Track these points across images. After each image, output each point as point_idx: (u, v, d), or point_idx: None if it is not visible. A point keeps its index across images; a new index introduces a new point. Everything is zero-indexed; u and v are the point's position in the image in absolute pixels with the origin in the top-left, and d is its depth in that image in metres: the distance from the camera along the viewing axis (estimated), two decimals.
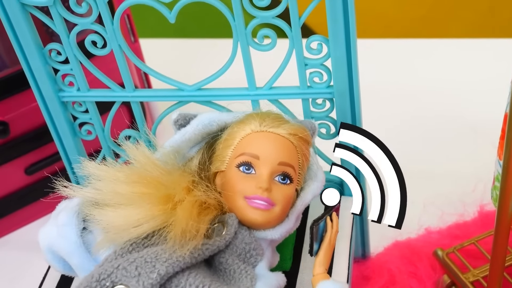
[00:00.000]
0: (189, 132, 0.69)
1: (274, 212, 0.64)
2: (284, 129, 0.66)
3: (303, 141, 0.68)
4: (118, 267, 0.59)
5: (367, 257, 0.90)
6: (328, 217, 0.66)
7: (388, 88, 1.19)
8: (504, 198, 0.65)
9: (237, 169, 0.65)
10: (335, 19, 0.65)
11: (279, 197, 0.64)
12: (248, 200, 0.64)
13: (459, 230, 0.90)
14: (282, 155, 0.65)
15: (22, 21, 0.72)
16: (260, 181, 0.64)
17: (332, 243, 0.65)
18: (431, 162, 1.03)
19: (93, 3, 0.70)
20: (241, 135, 0.67)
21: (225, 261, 0.63)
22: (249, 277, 0.61)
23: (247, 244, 0.64)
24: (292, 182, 0.66)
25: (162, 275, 0.58)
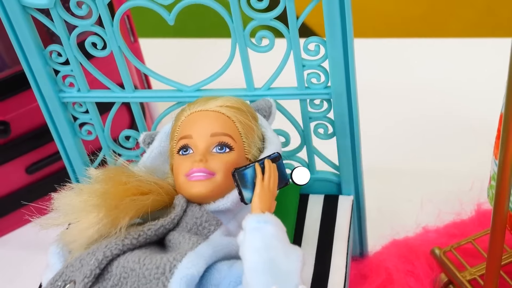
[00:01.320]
0: (156, 147, 0.72)
1: (216, 180, 0.65)
2: (211, 104, 0.68)
3: (236, 110, 0.68)
4: (67, 266, 0.63)
5: (365, 256, 0.90)
6: (258, 164, 0.64)
7: (386, 87, 1.19)
8: (500, 197, 0.66)
9: (178, 155, 0.67)
10: (332, 21, 0.66)
11: (218, 165, 0.65)
12: (187, 176, 0.65)
13: (456, 229, 0.90)
14: (212, 127, 0.66)
15: (23, 23, 0.72)
16: (195, 154, 0.66)
17: (267, 188, 0.63)
18: (428, 161, 1.04)
19: (93, 5, 0.71)
20: (178, 124, 0.69)
21: (172, 238, 0.64)
22: (191, 242, 0.61)
23: (198, 218, 0.65)
24: (232, 149, 0.67)
25: (100, 260, 0.60)
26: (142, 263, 0.60)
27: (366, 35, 1.29)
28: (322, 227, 0.79)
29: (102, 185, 0.65)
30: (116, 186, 0.64)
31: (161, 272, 0.58)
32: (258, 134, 0.70)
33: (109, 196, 0.63)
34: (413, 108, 1.14)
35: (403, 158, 1.05)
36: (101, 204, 0.63)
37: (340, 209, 0.80)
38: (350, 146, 0.76)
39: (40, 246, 0.96)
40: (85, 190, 0.65)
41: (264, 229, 0.59)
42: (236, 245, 0.62)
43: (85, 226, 0.63)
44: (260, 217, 0.60)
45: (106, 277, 0.61)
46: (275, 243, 0.58)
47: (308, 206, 0.81)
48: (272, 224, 0.59)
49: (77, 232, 0.63)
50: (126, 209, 0.62)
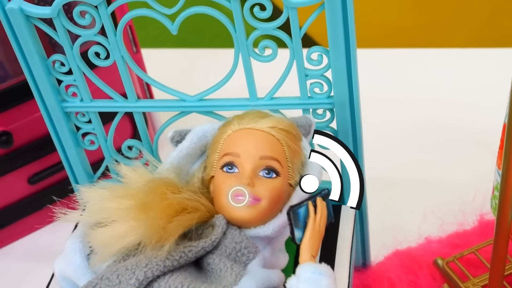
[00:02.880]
0: (185, 147, 0.70)
1: (260, 207, 0.63)
2: (263, 123, 0.66)
3: (286, 133, 0.67)
4: (102, 277, 0.60)
5: (367, 266, 0.90)
6: (311, 203, 0.64)
7: (388, 98, 1.19)
8: (503, 207, 0.66)
9: (221, 171, 0.65)
10: (335, 31, 0.66)
11: (264, 191, 0.64)
12: (231, 198, 0.63)
13: (459, 239, 0.90)
14: (262, 149, 0.65)
15: (26, 33, 0.72)
16: (242, 177, 0.64)
17: (318, 228, 0.63)
18: (431, 171, 1.04)
19: (96, 15, 0.71)
20: (223, 137, 0.67)
21: (212, 261, 0.62)
22: (234, 273, 0.60)
23: (237, 243, 0.63)
24: (278, 175, 0.65)
25: (140, 280, 0.59)
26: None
27: (368, 45, 1.30)
28: (325, 237, 0.77)
29: (143, 195, 0.62)
30: (160, 200, 0.62)
31: None
32: (301, 159, 0.68)
33: (152, 210, 0.61)
34: (416, 118, 1.14)
35: (406, 169, 1.05)
36: (142, 217, 0.61)
37: (342, 219, 0.79)
38: None
39: (43, 256, 0.97)
40: (119, 192, 0.64)
41: (319, 281, 0.59)
42: (275, 279, 0.62)
43: (120, 233, 0.61)
44: (316, 268, 0.59)
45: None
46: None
47: None
48: (327, 276, 0.59)
49: (109, 238, 0.62)
50: (172, 231, 0.60)
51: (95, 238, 0.63)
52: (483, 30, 1.55)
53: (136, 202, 0.62)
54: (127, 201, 0.62)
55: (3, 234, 1.01)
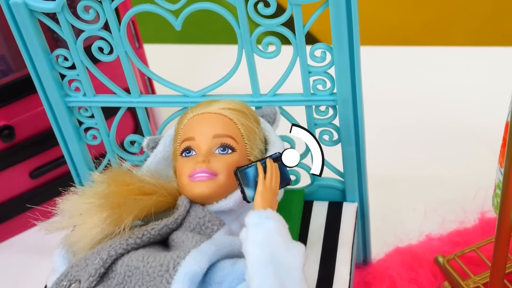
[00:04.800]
0: (159, 151, 0.73)
1: (218, 181, 0.66)
2: (214, 106, 0.69)
3: (238, 112, 0.69)
4: (72, 266, 0.63)
5: (368, 263, 0.90)
6: (260, 163, 0.65)
7: (390, 95, 1.19)
8: (504, 205, 0.66)
9: (181, 157, 0.68)
10: (339, 28, 0.66)
11: (220, 166, 0.66)
12: (190, 177, 0.66)
13: (460, 237, 0.90)
14: (215, 128, 0.67)
15: (30, 27, 0.72)
16: (198, 157, 0.66)
17: (269, 186, 0.64)
18: (432, 169, 1.04)
19: (100, 10, 0.71)
20: (181, 127, 0.70)
21: (176, 237, 0.64)
22: (195, 240, 0.62)
23: (201, 218, 0.65)
24: (234, 150, 0.67)
25: (104, 259, 0.61)
26: (146, 261, 0.60)
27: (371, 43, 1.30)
28: (326, 234, 0.78)
29: (106, 186, 0.65)
30: (119, 186, 0.65)
31: (165, 270, 0.59)
32: (260, 137, 0.71)
33: (112, 196, 0.64)
34: (418, 116, 1.14)
35: (407, 166, 1.05)
36: (104, 204, 0.64)
37: (344, 216, 0.80)
38: (355, 153, 0.76)
39: (43, 251, 0.97)
40: (89, 193, 0.66)
41: (266, 225, 0.60)
42: (239, 244, 0.63)
43: (89, 226, 0.64)
44: (261, 213, 0.61)
45: (110, 276, 0.62)
46: (277, 238, 0.59)
47: (313, 213, 0.81)
48: (273, 219, 0.60)
49: (82, 233, 0.64)
50: (129, 208, 0.63)
51: (70, 238, 0.66)
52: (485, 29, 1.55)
53: (100, 194, 0.65)
54: (96, 198, 0.65)
55: (5, 228, 1.01)
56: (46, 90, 0.78)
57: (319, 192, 0.82)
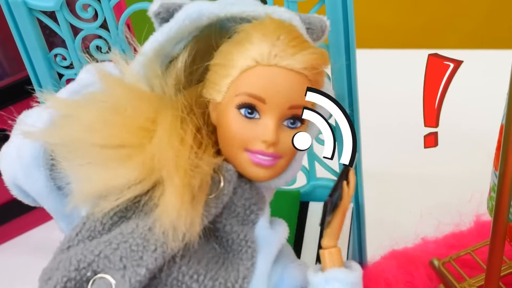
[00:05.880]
0: (174, 29, 0.57)
1: (279, 165, 0.55)
2: (300, 61, 0.53)
3: (320, 72, 0.56)
4: (99, 254, 0.51)
5: (364, 266, 0.90)
6: (346, 185, 0.57)
7: (386, 98, 1.20)
8: (499, 208, 0.66)
9: (237, 111, 0.54)
10: (335, 27, 0.66)
11: (287, 147, 0.54)
12: (250, 154, 0.54)
13: (455, 240, 0.90)
14: (294, 97, 0.53)
15: (29, 26, 0.73)
16: (266, 133, 0.53)
17: (346, 211, 0.57)
18: (428, 171, 1.04)
19: (98, 8, 0.71)
20: (243, 65, 0.54)
21: (222, 228, 0.55)
22: (250, 250, 0.55)
23: (247, 199, 0.56)
24: (303, 123, 0.55)
25: (151, 270, 0.51)
26: (202, 283, 0.52)
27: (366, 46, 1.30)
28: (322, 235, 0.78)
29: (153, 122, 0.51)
30: (171, 138, 0.52)
31: None
32: None
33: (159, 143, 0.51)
34: (413, 119, 1.14)
35: (403, 169, 1.05)
36: (140, 149, 0.51)
37: None
38: None
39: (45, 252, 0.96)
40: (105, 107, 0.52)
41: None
42: (282, 239, 0.58)
43: (121, 182, 0.51)
44: (349, 277, 0.55)
45: (151, 284, 0.52)
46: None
47: (308, 214, 0.81)
48: (359, 285, 0.55)
49: (105, 184, 0.51)
50: (192, 208, 0.51)
51: (81, 180, 0.53)
52: (482, 32, 1.55)
53: (138, 153, 0.51)
54: (119, 140, 0.52)
55: (5, 230, 1.01)
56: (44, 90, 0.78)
57: (315, 193, 0.82)
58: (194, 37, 0.59)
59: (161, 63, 0.58)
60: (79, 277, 0.51)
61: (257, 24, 0.55)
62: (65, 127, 0.54)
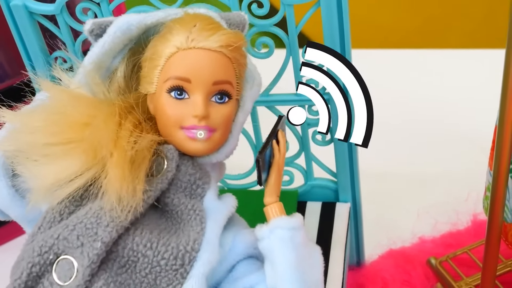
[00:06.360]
0: (107, 42, 0.62)
1: (215, 137, 0.60)
2: (215, 41, 0.59)
3: (237, 50, 0.61)
4: (58, 237, 0.56)
5: (361, 265, 0.91)
6: (275, 142, 0.62)
7: (384, 97, 1.19)
8: (494, 207, 0.66)
9: (168, 95, 0.60)
10: (330, 28, 0.67)
11: (219, 120, 0.60)
12: (186, 130, 0.59)
13: (453, 239, 0.90)
14: (216, 74, 0.59)
15: (30, 29, 0.74)
16: (196, 108, 0.59)
17: (281, 167, 0.62)
18: (425, 171, 1.05)
19: (98, 12, 0.72)
20: (167, 53, 0.60)
21: (170, 202, 0.60)
22: (198, 217, 0.59)
23: (192, 175, 0.61)
24: (230, 98, 0.61)
25: (106, 242, 0.55)
26: (156, 249, 0.57)
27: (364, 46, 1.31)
28: (320, 234, 0.79)
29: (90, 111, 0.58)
30: (108, 123, 0.58)
31: (180, 264, 0.57)
32: (246, 69, 0.64)
33: (94, 130, 0.57)
34: (411, 119, 1.15)
35: (400, 168, 1.06)
36: (80, 138, 0.57)
37: (337, 217, 0.81)
38: (348, 153, 0.77)
39: None
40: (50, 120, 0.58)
41: (295, 239, 0.59)
42: (230, 210, 0.62)
43: (69, 172, 0.56)
44: (289, 223, 0.59)
45: (110, 258, 0.56)
46: (303, 250, 0.60)
47: (306, 213, 0.82)
48: (301, 229, 0.60)
49: (55, 177, 0.56)
50: (120, 155, 0.56)
51: (35, 177, 0.57)
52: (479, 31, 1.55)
53: (82, 143, 0.57)
54: (64, 136, 0.57)
55: (6, 230, 1.02)
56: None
57: (313, 193, 0.83)
58: (129, 50, 0.65)
59: (103, 74, 0.64)
60: (42, 261, 0.55)
61: (176, 19, 0.62)
62: (16, 134, 0.59)
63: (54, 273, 0.55)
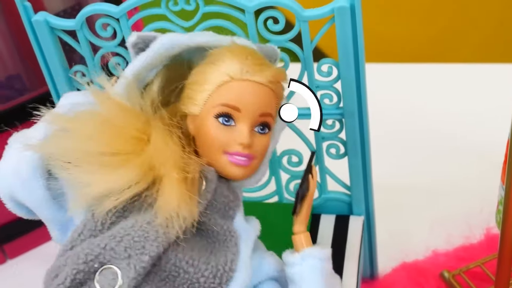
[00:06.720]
0: (150, 57, 0.65)
1: (253, 165, 0.63)
2: (265, 76, 0.62)
3: (280, 85, 0.65)
4: (105, 247, 0.57)
5: (375, 278, 0.91)
6: (311, 177, 0.67)
7: (397, 111, 1.20)
8: (506, 221, 0.67)
9: (216, 120, 0.62)
10: (344, 43, 0.68)
11: (259, 150, 0.63)
12: (228, 155, 0.62)
13: (466, 252, 0.90)
14: (263, 106, 0.62)
15: (51, 44, 0.75)
16: (241, 136, 0.61)
17: (312, 198, 0.67)
18: (438, 184, 1.05)
19: (117, 27, 0.74)
20: (218, 80, 0.62)
21: (207, 222, 0.62)
22: (233, 239, 0.62)
23: (226, 197, 0.64)
24: (270, 130, 0.64)
25: (153, 257, 0.57)
26: (197, 267, 0.59)
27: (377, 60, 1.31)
28: (334, 247, 0.79)
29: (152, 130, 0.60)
30: (169, 143, 0.60)
31: (218, 283, 0.60)
32: None
33: (153, 146, 0.59)
34: (424, 132, 1.15)
35: (413, 182, 1.06)
36: (135, 152, 0.59)
37: (351, 230, 0.81)
38: (361, 166, 0.78)
39: None
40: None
41: (325, 269, 0.65)
42: (256, 231, 0.66)
43: (120, 184, 0.58)
44: (322, 253, 0.65)
45: (152, 270, 0.58)
46: (331, 281, 0.66)
47: (320, 226, 0.83)
48: (330, 261, 0.66)
49: (106, 186, 0.58)
50: (191, 191, 0.59)
51: (83, 184, 0.58)
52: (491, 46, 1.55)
53: (136, 156, 0.59)
54: (116, 146, 0.59)
55: (24, 241, 1.03)
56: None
57: (326, 205, 0.84)
58: (164, 66, 0.67)
59: (139, 86, 0.65)
60: (87, 269, 0.57)
61: (225, 47, 0.64)
62: (64, 138, 0.60)
63: (96, 282, 0.57)
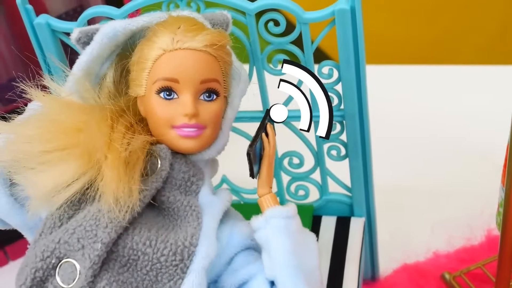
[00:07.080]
0: (95, 49, 0.64)
1: (205, 134, 0.62)
2: (199, 41, 0.61)
3: (222, 48, 0.63)
4: (59, 241, 0.58)
5: (376, 279, 0.91)
6: (264, 135, 0.63)
7: (398, 113, 1.20)
8: (507, 223, 0.67)
9: (158, 96, 0.62)
10: (345, 46, 0.68)
11: (208, 117, 0.62)
12: (177, 129, 0.61)
13: (467, 254, 0.90)
14: (202, 73, 0.61)
15: (52, 46, 0.75)
16: (185, 107, 0.61)
17: (272, 159, 0.64)
18: (439, 186, 1.05)
19: None
20: (153, 56, 0.62)
21: (166, 200, 0.61)
22: (194, 213, 0.61)
23: (185, 172, 0.63)
24: (218, 95, 0.63)
25: (106, 243, 0.57)
26: (155, 247, 0.58)
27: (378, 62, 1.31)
28: (334, 249, 0.80)
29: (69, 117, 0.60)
30: (101, 127, 0.59)
31: (179, 259, 0.59)
32: (231, 66, 0.66)
33: (88, 135, 0.59)
34: (425, 133, 1.15)
35: (414, 183, 1.06)
36: (76, 144, 0.59)
37: (352, 231, 0.81)
38: (362, 168, 0.78)
39: None
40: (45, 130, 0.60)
41: (290, 227, 0.61)
42: (226, 204, 0.64)
43: (66, 178, 0.58)
44: (283, 212, 0.61)
45: (111, 258, 0.58)
46: (298, 236, 0.61)
47: (321, 228, 0.83)
48: (296, 218, 0.62)
49: (53, 183, 0.58)
50: (129, 179, 0.58)
51: (33, 185, 0.59)
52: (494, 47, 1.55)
53: (76, 148, 0.59)
54: (58, 143, 0.59)
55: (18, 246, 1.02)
56: None
57: (327, 207, 0.84)
58: (117, 55, 0.67)
59: (93, 81, 0.66)
60: (45, 265, 0.57)
61: (161, 22, 0.64)
62: (12, 144, 0.61)
63: (58, 276, 0.57)
